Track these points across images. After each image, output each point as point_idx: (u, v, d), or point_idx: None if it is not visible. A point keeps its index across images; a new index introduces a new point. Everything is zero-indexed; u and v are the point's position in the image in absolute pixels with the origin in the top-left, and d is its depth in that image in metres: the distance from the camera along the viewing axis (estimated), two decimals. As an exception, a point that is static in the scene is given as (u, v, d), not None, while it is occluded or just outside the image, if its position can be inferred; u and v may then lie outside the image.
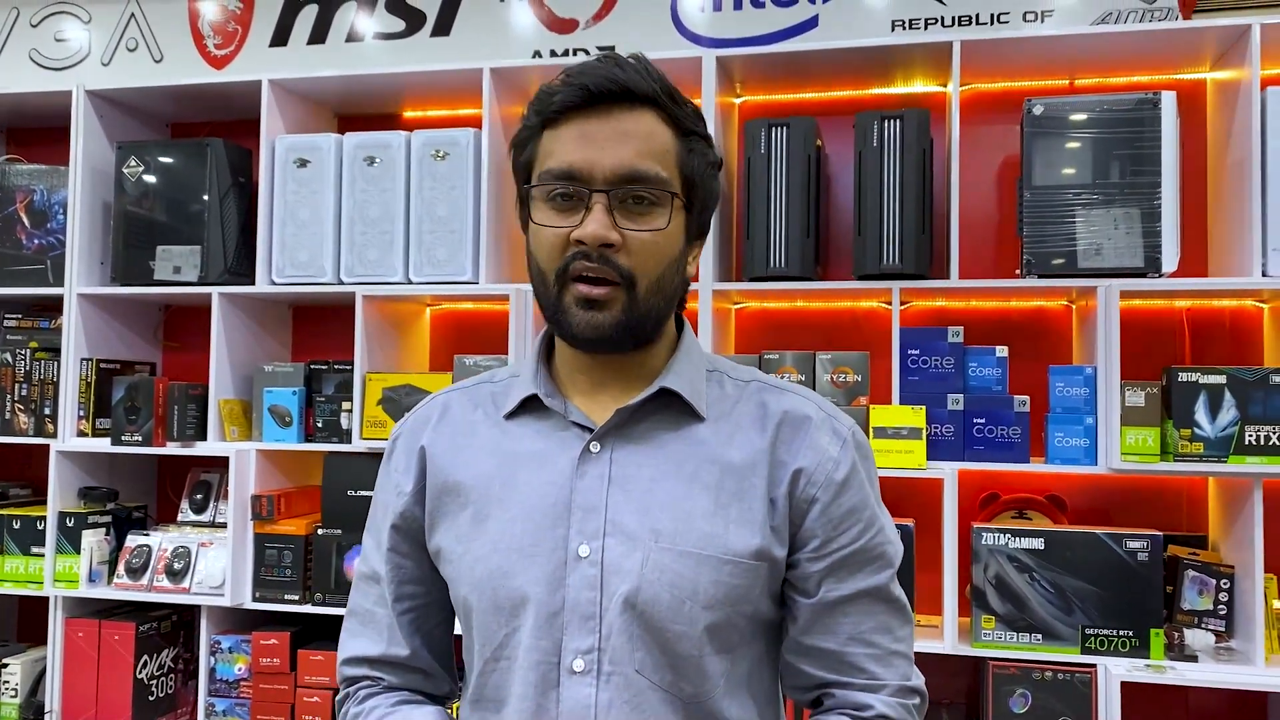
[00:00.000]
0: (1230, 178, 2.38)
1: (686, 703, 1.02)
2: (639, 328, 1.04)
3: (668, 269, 1.05)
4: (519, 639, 1.03)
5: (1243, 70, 2.29)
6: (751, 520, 1.04)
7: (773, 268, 2.42)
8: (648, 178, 1.01)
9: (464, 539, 1.08)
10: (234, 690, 2.66)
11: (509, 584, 1.03)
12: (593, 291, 1.01)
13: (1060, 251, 2.30)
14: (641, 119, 1.03)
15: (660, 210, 1.03)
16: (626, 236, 1.01)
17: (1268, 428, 2.18)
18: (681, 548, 1.02)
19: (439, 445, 1.13)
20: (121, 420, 2.71)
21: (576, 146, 1.01)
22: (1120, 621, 2.21)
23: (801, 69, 2.60)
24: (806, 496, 1.06)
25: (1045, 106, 2.33)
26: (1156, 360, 2.45)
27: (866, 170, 2.39)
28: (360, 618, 1.17)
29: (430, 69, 2.67)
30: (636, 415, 1.07)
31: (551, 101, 1.03)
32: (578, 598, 1.01)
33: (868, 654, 1.06)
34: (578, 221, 1.01)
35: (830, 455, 1.07)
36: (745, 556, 1.03)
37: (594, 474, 1.05)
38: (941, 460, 2.34)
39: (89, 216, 2.84)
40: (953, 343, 2.38)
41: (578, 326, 1.02)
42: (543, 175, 1.03)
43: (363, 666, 1.16)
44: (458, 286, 2.60)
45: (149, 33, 3.19)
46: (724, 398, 1.11)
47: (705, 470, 1.05)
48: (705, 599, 1.01)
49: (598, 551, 1.02)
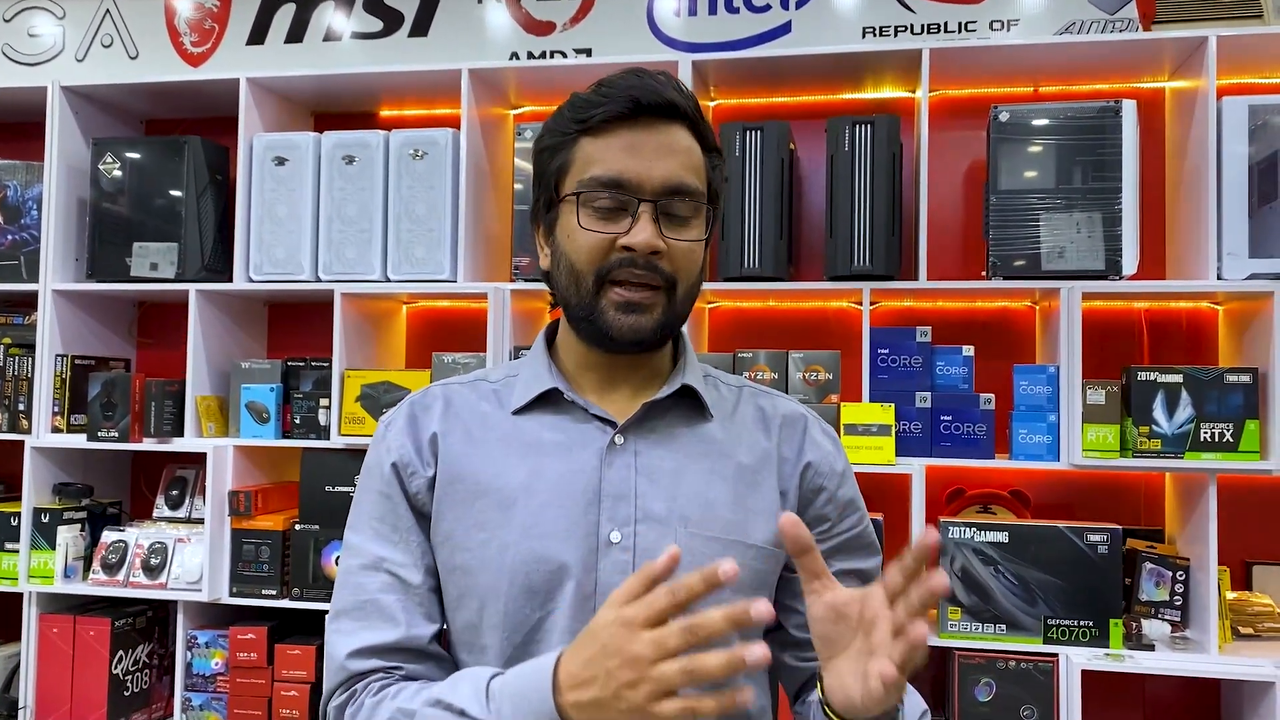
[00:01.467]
0: (1187, 184, 2.46)
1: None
2: (672, 330, 1.11)
3: (699, 275, 1.12)
4: (553, 622, 1.05)
5: (1200, 80, 2.37)
6: (766, 510, 1.12)
7: (746, 268, 2.47)
8: (691, 190, 1.07)
9: (486, 526, 1.08)
10: (211, 685, 2.67)
11: (543, 569, 1.05)
12: (635, 296, 1.06)
13: (1024, 254, 2.37)
14: (680, 134, 1.08)
15: (697, 221, 1.09)
16: (670, 245, 1.06)
17: (1221, 425, 2.26)
18: (709, 533, 1.08)
19: (453, 434, 1.13)
20: (98, 416, 2.71)
21: (624, 156, 1.05)
22: (1081, 612, 2.28)
23: (775, 74, 2.65)
24: (815, 486, 1.15)
25: (1011, 113, 2.39)
26: (1116, 360, 2.53)
27: (838, 173, 2.44)
28: (356, 613, 1.09)
29: (409, 69, 2.70)
30: (655, 411, 1.12)
31: (595, 111, 1.07)
32: (610, 581, 1.04)
33: None
34: (623, 229, 1.05)
35: (828, 450, 1.18)
36: (766, 543, 1.10)
37: (621, 464, 1.09)
38: (910, 456, 2.40)
39: (64, 212, 2.84)
40: (921, 342, 2.44)
41: (617, 329, 1.06)
42: (588, 182, 1.06)
43: (373, 658, 1.06)
44: (436, 285, 2.63)
45: (124, 29, 3.18)
46: (722, 400, 1.18)
47: (721, 464, 1.12)
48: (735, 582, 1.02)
49: (629, 537, 1.06)
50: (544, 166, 1.12)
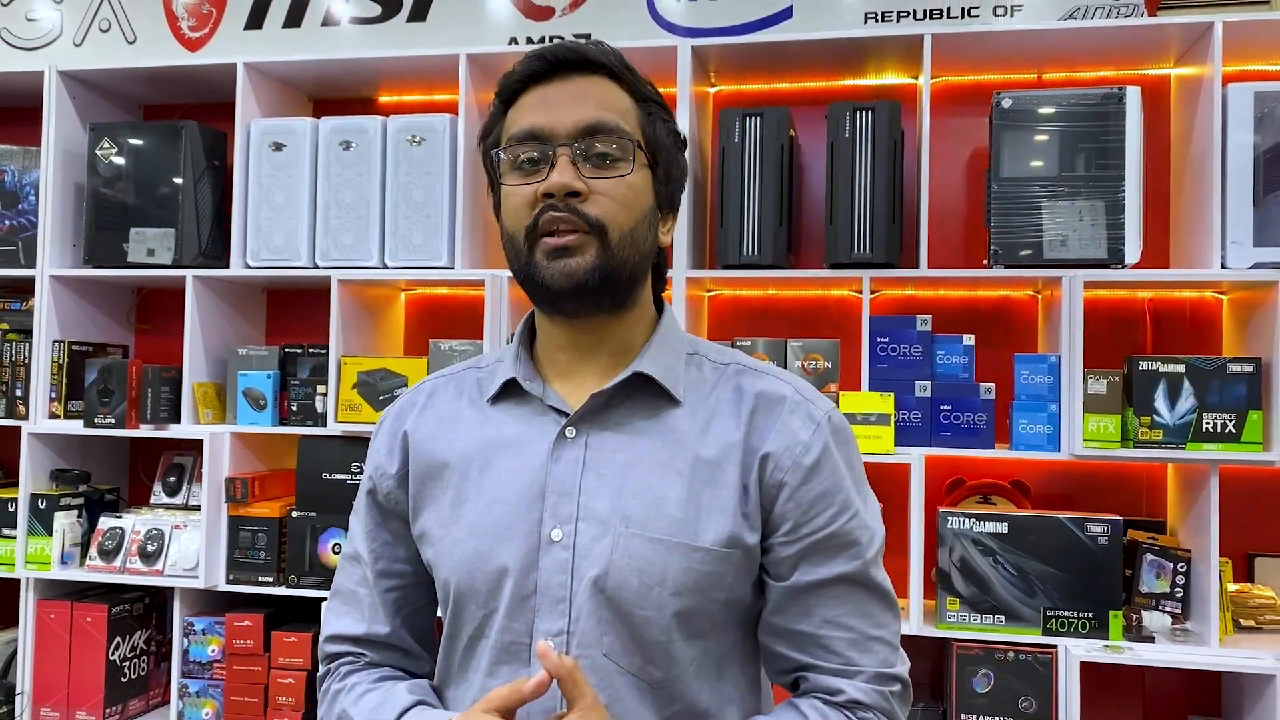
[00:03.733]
0: (1192, 171, 2.44)
1: (655, 687, 1.04)
2: (615, 279, 1.05)
3: (639, 223, 1.07)
4: (494, 620, 1.06)
5: (1205, 66, 2.35)
6: (724, 507, 1.05)
7: (746, 256, 2.45)
8: (609, 128, 1.05)
9: (444, 523, 1.10)
10: (207, 672, 2.67)
11: (485, 567, 1.06)
12: (562, 240, 1.02)
13: (1026, 242, 2.35)
14: (598, 82, 1.07)
15: (624, 162, 1.05)
16: (592, 185, 1.03)
17: (1224, 416, 2.24)
18: (651, 534, 1.03)
19: (422, 431, 1.15)
20: (95, 402, 2.70)
21: (537, 110, 1.05)
22: (1080, 603, 2.27)
23: (775, 59, 2.63)
24: (775, 481, 1.06)
25: (1013, 100, 2.37)
26: (1118, 349, 2.51)
27: (838, 160, 2.42)
28: (344, 597, 1.20)
29: (407, 54, 2.68)
30: (613, 399, 1.08)
31: (513, 76, 1.08)
32: (549, 581, 1.04)
33: (843, 638, 1.06)
34: (542, 178, 1.04)
35: (800, 439, 1.06)
36: (716, 544, 1.04)
37: (569, 458, 1.07)
38: (909, 446, 2.39)
39: (61, 198, 2.83)
40: (921, 331, 2.42)
41: (551, 276, 1.03)
42: (508, 141, 1.07)
43: (345, 644, 1.18)
44: (433, 271, 2.61)
45: (122, 14, 3.17)
46: (702, 381, 1.11)
47: (679, 458, 1.06)
48: (674, 585, 1.02)
49: (570, 535, 1.04)
50: (484, 154, 1.13)
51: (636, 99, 1.09)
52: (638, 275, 1.09)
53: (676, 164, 1.13)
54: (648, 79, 1.12)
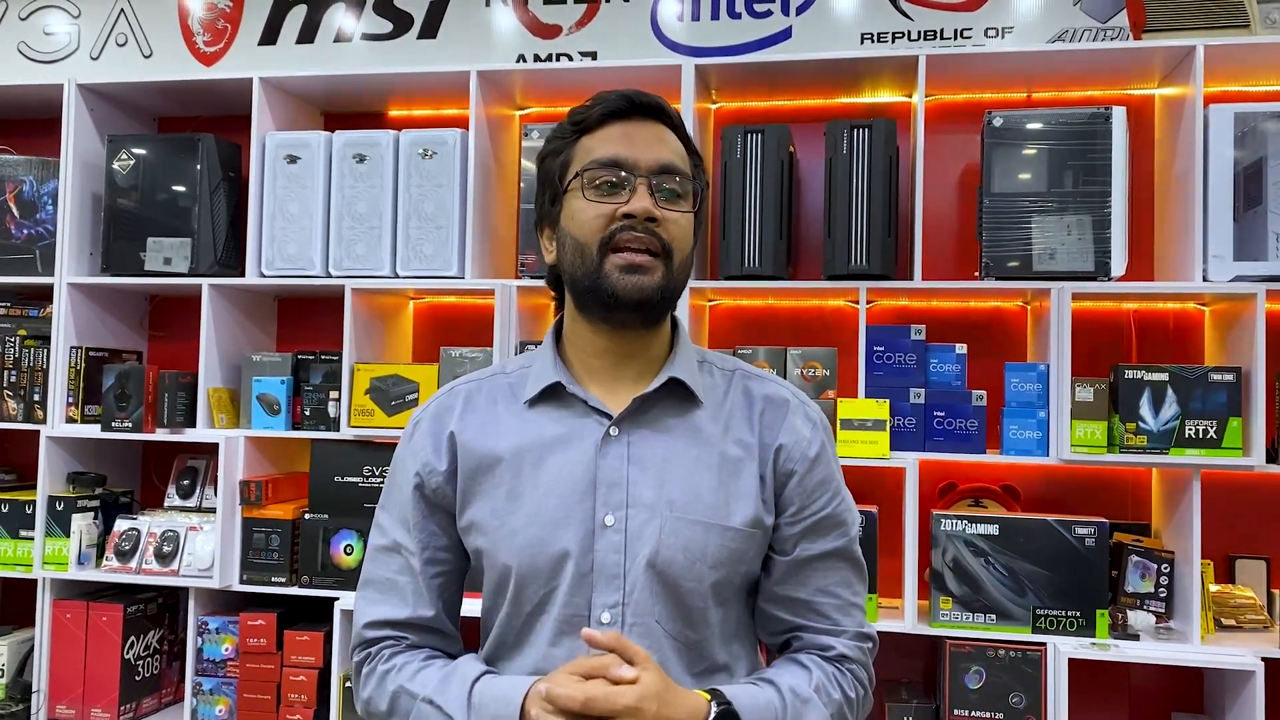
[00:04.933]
0: (1175, 188, 2.52)
1: (689, 647, 1.20)
2: (671, 298, 1.21)
3: (690, 252, 1.23)
4: (557, 595, 1.19)
5: (1188, 87, 2.44)
6: (748, 494, 1.22)
7: (747, 267, 2.53)
8: (679, 171, 1.20)
9: (500, 514, 1.22)
10: (221, 670, 2.73)
11: (548, 550, 1.18)
12: (637, 259, 1.16)
13: (1016, 255, 2.43)
14: (667, 131, 1.23)
15: (685, 200, 1.21)
16: (664, 215, 1.18)
17: (1206, 422, 2.33)
18: (692, 517, 1.19)
19: (469, 431, 1.26)
20: (112, 407, 2.77)
21: (620, 142, 1.19)
22: (1068, 603, 2.34)
23: (775, 78, 2.72)
24: (786, 470, 1.24)
25: (1004, 118, 2.46)
26: (1105, 358, 2.59)
27: (836, 176, 2.50)
28: (379, 586, 1.28)
29: (418, 70, 2.76)
30: (647, 402, 1.22)
31: (591, 112, 1.21)
32: (605, 560, 1.18)
33: (832, 604, 1.25)
34: (622, 200, 1.17)
35: (804, 435, 1.26)
36: (744, 525, 1.21)
37: (615, 454, 1.21)
38: (904, 450, 2.46)
39: (78, 208, 2.89)
40: (915, 340, 2.50)
41: (622, 289, 1.16)
42: (589, 164, 1.20)
43: (386, 629, 1.26)
44: (444, 281, 2.69)
45: (138, 28, 3.24)
46: (714, 386, 1.28)
47: (708, 452, 1.22)
48: (712, 560, 1.19)
49: (621, 521, 1.19)
50: (547, 170, 1.25)
51: (689, 152, 1.24)
52: (680, 295, 1.25)
53: (704, 207, 1.29)
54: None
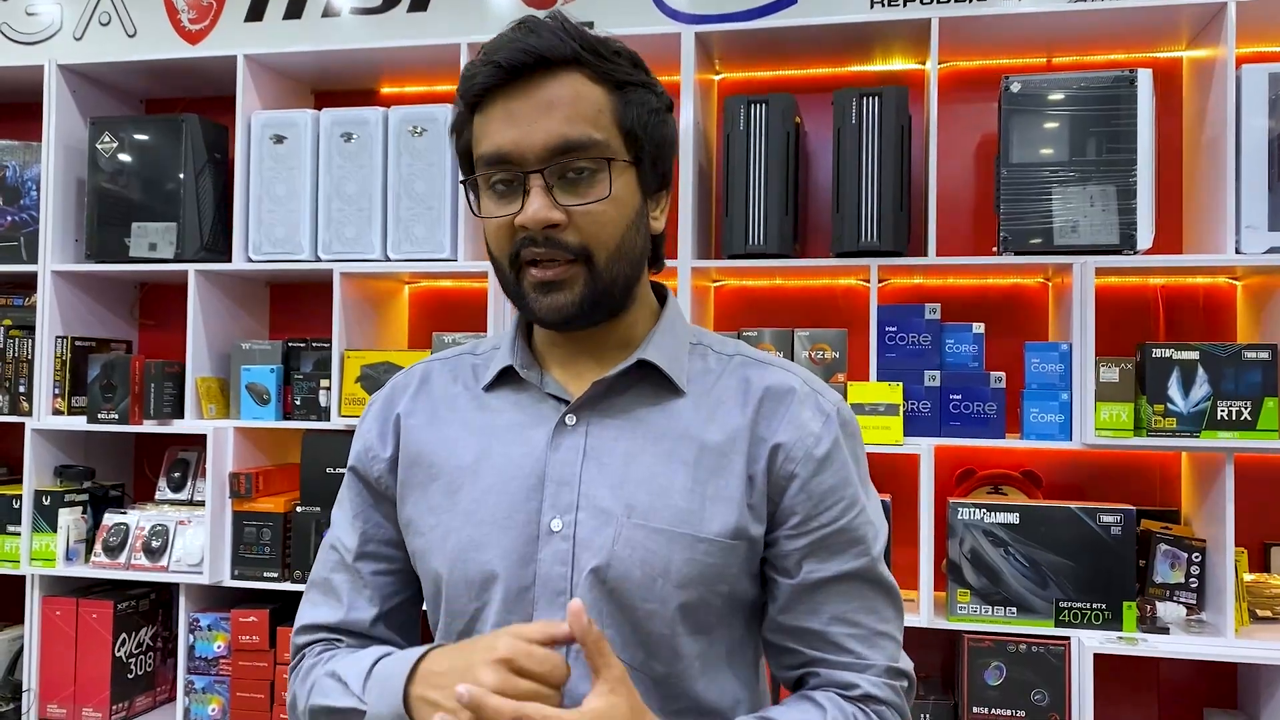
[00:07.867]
0: (1205, 155, 2.40)
1: (658, 682, 1.01)
2: (606, 299, 1.02)
3: (627, 234, 1.01)
4: (487, 614, 1.02)
5: (1218, 48, 2.31)
6: (729, 498, 1.02)
7: (751, 245, 2.43)
8: (581, 145, 0.97)
9: (435, 510, 1.06)
10: (213, 668, 2.66)
11: (479, 557, 1.02)
12: (547, 274, 0.98)
13: (1037, 229, 2.32)
14: (565, 83, 0.98)
15: (601, 177, 0.99)
16: (571, 213, 0.98)
17: (1239, 403, 2.21)
18: (655, 524, 1.00)
19: (415, 416, 1.12)
20: (98, 398, 2.69)
21: (503, 128, 0.98)
22: (1093, 595, 2.24)
23: (780, 46, 2.60)
24: (785, 473, 1.03)
25: (1023, 84, 2.34)
26: (1131, 337, 2.48)
27: (845, 147, 2.39)
28: (319, 588, 1.14)
29: (408, 44, 2.66)
30: (615, 388, 1.05)
31: (473, 84, 1.00)
32: (549, 572, 1.00)
33: (852, 634, 1.03)
34: (519, 207, 0.98)
35: (811, 431, 1.04)
36: (721, 535, 1.01)
37: (568, 446, 1.03)
38: (918, 436, 2.36)
39: (62, 193, 2.81)
40: (930, 320, 2.40)
41: (540, 311, 1.00)
42: (478, 163, 1.01)
43: (317, 633, 1.12)
44: (436, 264, 2.59)
45: (122, 7, 3.15)
46: (707, 372, 1.08)
47: (683, 446, 1.03)
48: (678, 577, 0.99)
49: (570, 526, 1.00)
50: (457, 150, 1.07)
51: (610, 87, 1.00)
52: (632, 282, 1.05)
53: (663, 141, 1.05)
54: (619, 46, 1.03)
